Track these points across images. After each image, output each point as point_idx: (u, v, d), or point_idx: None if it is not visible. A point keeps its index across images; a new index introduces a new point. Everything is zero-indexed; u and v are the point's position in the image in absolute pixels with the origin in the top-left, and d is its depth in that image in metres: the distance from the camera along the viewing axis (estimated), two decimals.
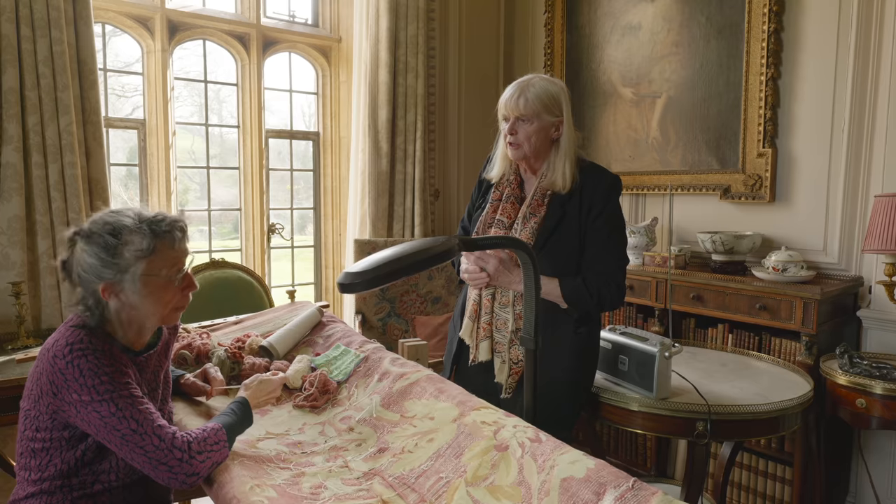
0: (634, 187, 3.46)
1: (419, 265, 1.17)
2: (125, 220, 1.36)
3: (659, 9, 3.32)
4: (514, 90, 1.85)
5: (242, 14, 3.56)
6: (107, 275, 1.32)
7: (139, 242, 1.34)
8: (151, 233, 1.35)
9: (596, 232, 1.84)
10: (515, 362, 1.86)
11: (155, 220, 1.38)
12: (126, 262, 1.33)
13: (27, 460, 1.34)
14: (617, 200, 1.89)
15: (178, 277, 1.40)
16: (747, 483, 2.76)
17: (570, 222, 1.84)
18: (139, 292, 1.34)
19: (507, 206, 1.92)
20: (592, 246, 1.84)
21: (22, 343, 2.36)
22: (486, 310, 1.91)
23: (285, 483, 1.31)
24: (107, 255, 1.32)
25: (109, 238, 1.33)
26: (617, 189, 1.89)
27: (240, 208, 3.65)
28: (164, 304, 1.39)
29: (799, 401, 1.99)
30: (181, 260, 1.41)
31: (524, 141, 1.84)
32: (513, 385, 1.88)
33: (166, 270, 1.38)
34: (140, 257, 1.33)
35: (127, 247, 1.33)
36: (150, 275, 1.35)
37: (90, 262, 1.32)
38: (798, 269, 2.56)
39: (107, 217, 1.37)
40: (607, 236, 1.85)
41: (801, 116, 2.82)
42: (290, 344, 2.04)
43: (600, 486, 1.11)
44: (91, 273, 1.32)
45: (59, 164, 2.57)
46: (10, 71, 2.46)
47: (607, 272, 1.83)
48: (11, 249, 2.49)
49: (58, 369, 1.28)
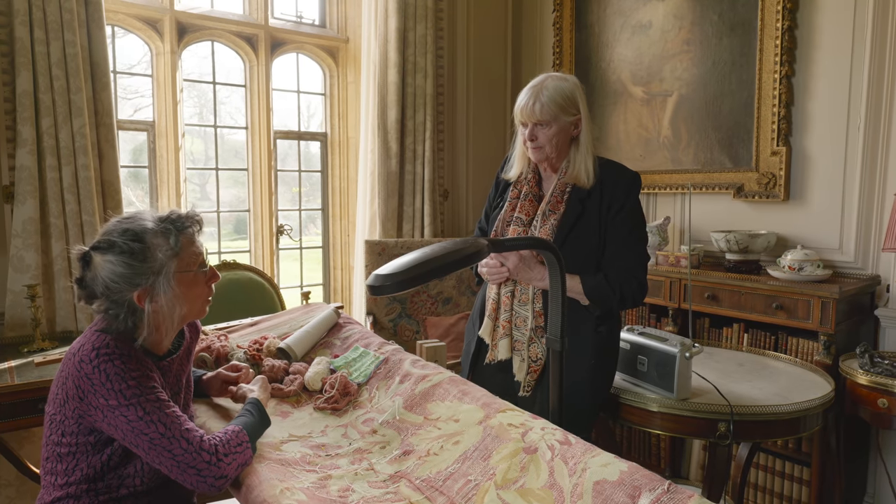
0: (646, 186, 3.45)
1: (449, 267, 1.16)
2: (145, 224, 1.36)
3: (670, 7, 3.30)
4: (528, 96, 1.84)
5: (250, 15, 3.55)
6: (141, 280, 1.32)
7: (166, 242, 1.35)
8: (175, 231, 1.37)
9: (616, 228, 1.83)
10: (534, 360, 1.86)
11: (173, 218, 1.40)
12: (159, 263, 1.33)
13: (53, 465, 1.33)
14: (637, 197, 1.88)
15: (204, 270, 1.44)
16: (764, 483, 2.74)
17: (590, 219, 1.84)
18: (174, 291, 1.35)
19: (526, 204, 1.92)
20: (613, 243, 1.84)
21: (37, 346, 2.35)
22: (506, 307, 1.91)
23: (313, 486, 1.30)
24: (136, 261, 1.31)
25: (134, 244, 1.32)
26: (637, 185, 1.89)
27: (248, 209, 3.65)
28: (195, 298, 1.42)
29: (821, 401, 1.98)
30: (203, 254, 1.45)
31: (546, 143, 1.85)
32: (531, 383, 1.87)
33: (194, 265, 1.41)
34: (171, 256, 1.35)
35: (156, 249, 1.33)
36: (182, 271, 1.37)
37: (120, 272, 1.31)
38: (814, 267, 2.55)
39: (124, 224, 1.36)
40: (628, 233, 1.84)
41: (816, 114, 2.81)
42: (308, 346, 2.03)
43: (634, 489, 1.10)
44: (122, 282, 1.31)
45: (73, 167, 2.57)
46: (24, 74, 2.45)
47: (628, 268, 1.82)
48: (26, 252, 2.48)
49: (84, 374, 1.27)
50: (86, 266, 1.34)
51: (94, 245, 1.34)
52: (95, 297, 1.33)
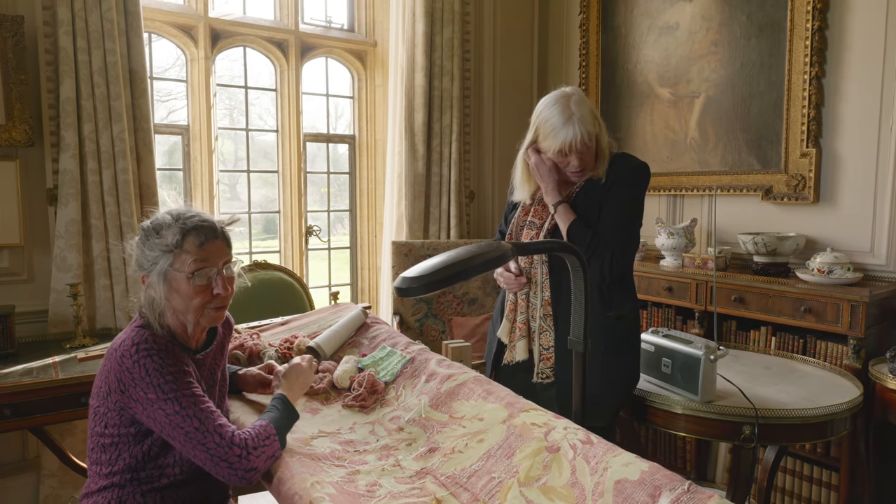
0: (672, 188, 3.44)
1: (474, 270, 1.19)
2: (166, 217, 1.44)
3: (697, 8, 3.29)
4: (571, 129, 1.83)
5: (281, 21, 3.63)
6: (144, 263, 1.43)
7: (167, 237, 1.41)
8: (180, 229, 1.41)
9: (609, 206, 1.87)
10: (545, 348, 1.91)
11: (185, 217, 1.43)
12: (155, 255, 1.41)
13: (98, 455, 1.40)
14: (641, 184, 1.92)
15: (198, 275, 1.40)
16: (791, 488, 2.72)
17: (592, 202, 1.89)
18: (161, 286, 1.40)
19: (539, 209, 1.97)
20: (604, 218, 1.87)
21: (79, 342, 2.45)
22: (522, 309, 1.95)
23: (342, 480, 1.35)
24: (143, 247, 1.43)
25: (149, 231, 1.43)
26: (641, 172, 1.91)
27: (278, 210, 3.73)
28: (184, 299, 1.41)
29: (849, 405, 1.97)
30: (210, 260, 1.42)
31: (589, 162, 1.89)
32: (545, 371, 1.91)
33: (189, 268, 1.40)
34: (166, 251, 1.40)
35: (159, 240, 1.41)
36: (175, 270, 1.40)
37: (136, 254, 1.45)
38: (844, 270, 2.52)
39: (157, 214, 1.47)
40: (619, 211, 1.87)
41: (847, 115, 2.77)
42: (337, 345, 2.08)
43: (655, 488, 1.12)
44: (135, 263, 1.44)
45: (113, 170, 2.67)
46: (67, 82, 2.55)
47: (611, 241, 1.85)
48: (69, 252, 2.58)
49: (125, 368, 1.34)
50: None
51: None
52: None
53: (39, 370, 2.17)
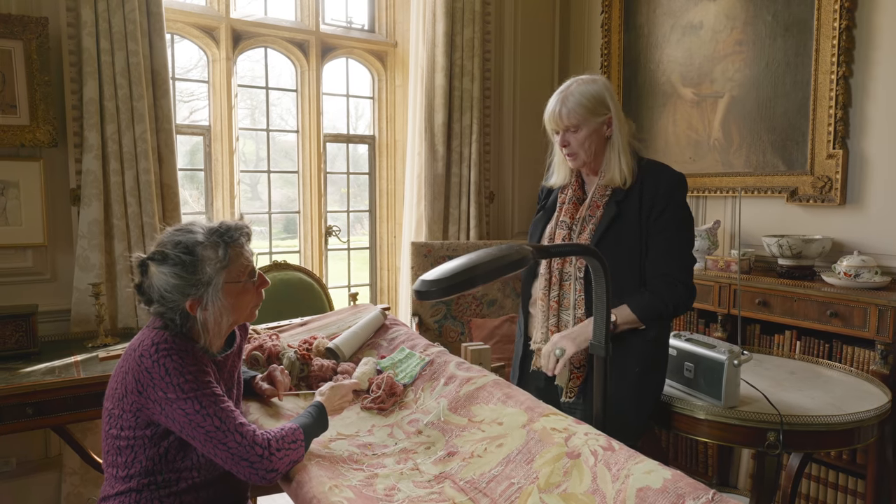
0: (695, 189, 3.39)
1: (494, 273, 1.18)
2: (196, 237, 1.42)
3: (722, 7, 3.24)
4: (555, 103, 1.83)
5: (302, 21, 3.64)
6: (191, 291, 1.39)
7: (215, 255, 1.40)
8: (224, 244, 1.42)
9: (659, 233, 1.79)
10: (577, 367, 1.85)
11: (222, 230, 1.44)
12: (208, 276, 1.39)
13: (113, 458, 1.41)
14: (682, 198, 1.83)
15: (253, 280, 1.49)
16: (816, 495, 2.67)
17: (627, 221, 1.80)
18: (222, 301, 1.41)
19: (570, 207, 1.91)
20: (656, 247, 1.80)
21: (101, 341, 2.47)
22: (553, 312, 1.90)
23: (360, 484, 1.34)
24: (187, 272, 1.38)
25: (186, 257, 1.39)
26: (681, 186, 1.83)
27: (298, 210, 3.74)
28: (244, 306, 1.48)
29: (876, 412, 1.92)
30: (251, 262, 1.49)
31: (579, 149, 1.83)
32: (574, 389, 1.87)
33: (243, 275, 1.45)
34: (220, 269, 1.40)
35: (206, 262, 1.39)
36: (231, 282, 1.43)
37: (173, 283, 1.38)
38: (872, 274, 2.47)
39: (177, 237, 1.43)
40: (671, 236, 1.80)
41: (875, 116, 2.71)
42: (356, 346, 2.08)
43: (678, 497, 1.10)
44: (175, 292, 1.39)
45: (135, 171, 2.69)
46: (91, 83, 2.58)
47: (672, 274, 1.78)
48: (91, 252, 2.61)
49: (144, 368, 1.34)
50: (143, 273, 1.42)
51: (150, 256, 1.42)
52: (153, 301, 1.42)
53: (61, 369, 2.20)
